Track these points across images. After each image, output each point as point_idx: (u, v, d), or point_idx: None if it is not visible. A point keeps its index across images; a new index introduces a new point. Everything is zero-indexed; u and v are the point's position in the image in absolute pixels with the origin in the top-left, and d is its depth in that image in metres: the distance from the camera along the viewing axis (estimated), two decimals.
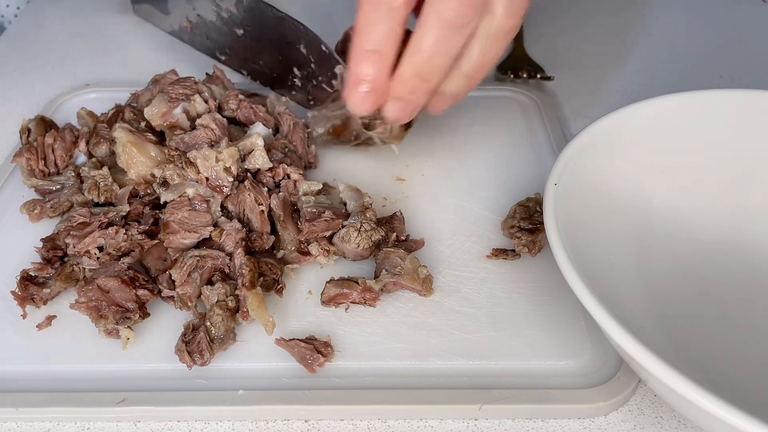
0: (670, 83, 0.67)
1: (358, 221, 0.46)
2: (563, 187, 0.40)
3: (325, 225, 0.46)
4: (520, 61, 0.68)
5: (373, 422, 0.39)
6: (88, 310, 0.41)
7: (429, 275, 0.44)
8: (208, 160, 0.46)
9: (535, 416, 0.39)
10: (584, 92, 0.66)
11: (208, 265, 0.43)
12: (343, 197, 0.49)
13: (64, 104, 0.63)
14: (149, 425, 0.39)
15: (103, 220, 0.46)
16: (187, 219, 0.45)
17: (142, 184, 0.48)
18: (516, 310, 0.43)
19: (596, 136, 0.44)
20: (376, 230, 0.45)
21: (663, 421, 0.39)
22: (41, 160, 0.52)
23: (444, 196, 0.53)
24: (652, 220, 0.45)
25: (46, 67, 0.70)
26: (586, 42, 0.74)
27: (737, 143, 0.46)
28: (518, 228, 0.47)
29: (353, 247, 0.45)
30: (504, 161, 0.56)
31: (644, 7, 0.80)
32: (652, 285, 0.42)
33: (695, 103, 0.46)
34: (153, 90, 0.56)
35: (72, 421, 0.39)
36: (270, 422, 0.39)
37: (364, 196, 0.48)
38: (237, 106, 0.52)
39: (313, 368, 0.40)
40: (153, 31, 0.76)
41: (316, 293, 0.45)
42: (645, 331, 0.39)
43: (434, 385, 0.39)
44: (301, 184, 0.49)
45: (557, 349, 0.41)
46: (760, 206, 0.46)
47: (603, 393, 0.39)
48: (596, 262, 0.39)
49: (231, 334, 0.41)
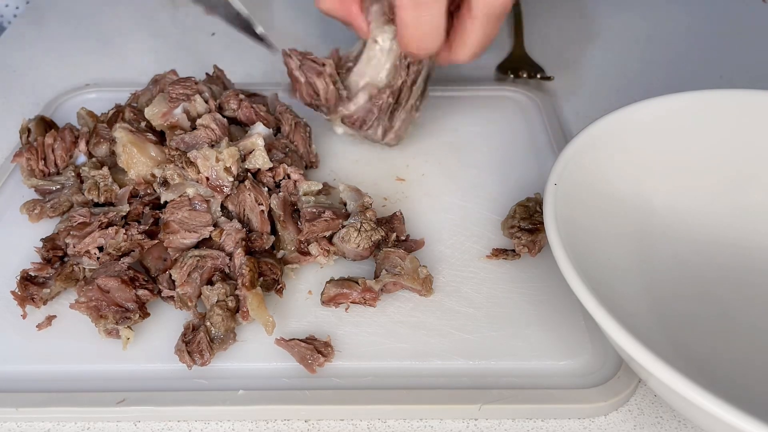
0: (670, 83, 0.67)
1: (358, 221, 0.46)
2: (563, 187, 0.40)
3: (325, 225, 0.46)
4: (520, 61, 0.68)
5: (373, 422, 0.39)
6: (88, 310, 0.41)
7: (429, 275, 0.44)
8: (208, 159, 0.46)
9: (535, 416, 0.39)
10: (584, 92, 0.66)
11: (208, 265, 0.43)
12: (343, 197, 0.49)
13: (64, 104, 0.63)
14: (149, 425, 0.39)
15: (103, 220, 0.46)
16: (187, 219, 0.45)
17: (142, 184, 0.48)
18: (516, 310, 0.43)
19: (596, 136, 0.44)
20: (376, 230, 0.45)
21: (663, 421, 0.39)
22: (41, 160, 0.52)
23: (444, 196, 0.53)
24: (652, 219, 0.45)
25: (46, 67, 0.70)
26: (586, 42, 0.74)
27: (737, 143, 0.46)
28: (518, 228, 0.47)
29: (353, 247, 0.45)
30: (504, 161, 0.56)
31: (644, 7, 0.80)
32: (652, 285, 0.42)
33: (695, 103, 0.46)
34: (153, 90, 0.56)
35: (72, 421, 0.39)
36: (270, 422, 0.39)
37: (364, 196, 0.48)
38: (238, 106, 0.52)
39: (313, 368, 0.40)
40: (153, 30, 0.76)
41: (316, 293, 0.45)
42: (645, 331, 0.39)
43: (434, 385, 0.39)
44: (301, 184, 0.49)
45: (557, 349, 0.41)
46: (760, 206, 0.46)
47: (603, 393, 0.39)
48: (596, 262, 0.39)
49: (231, 334, 0.41)
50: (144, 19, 0.78)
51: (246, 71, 0.67)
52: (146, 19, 0.78)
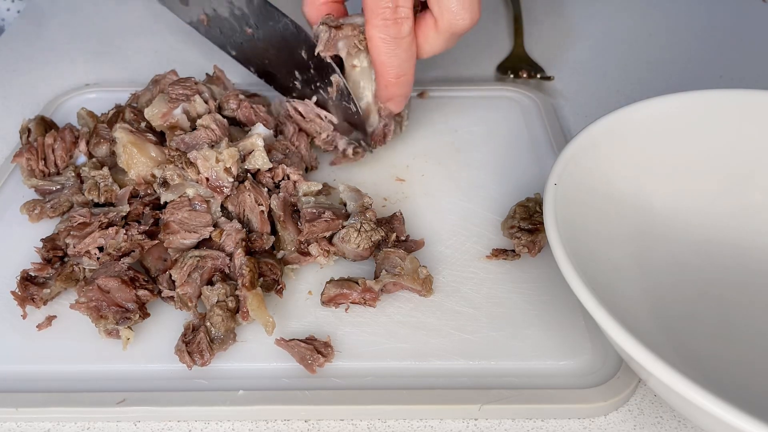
0: (670, 83, 0.67)
1: (358, 221, 0.46)
2: (563, 187, 0.40)
3: (325, 225, 0.46)
4: (520, 61, 0.68)
5: (373, 422, 0.39)
6: (88, 310, 0.41)
7: (429, 275, 0.44)
8: (208, 160, 0.46)
9: (535, 416, 0.39)
10: (584, 92, 0.66)
11: (208, 265, 0.43)
12: (343, 197, 0.49)
13: (64, 104, 0.63)
14: (149, 425, 0.39)
15: (103, 220, 0.46)
16: (187, 219, 0.45)
17: (142, 184, 0.48)
18: (516, 310, 0.43)
19: (596, 136, 0.44)
20: (375, 230, 0.45)
21: (663, 421, 0.39)
22: (41, 160, 0.52)
23: (444, 196, 0.53)
24: (652, 220, 0.45)
25: (46, 67, 0.70)
26: (587, 42, 0.74)
27: (737, 143, 0.46)
28: (518, 228, 0.47)
29: (353, 247, 0.45)
30: (504, 161, 0.56)
31: (644, 7, 0.80)
32: (652, 285, 0.42)
33: (695, 103, 0.46)
34: (153, 90, 0.56)
35: (72, 421, 0.39)
36: (270, 422, 0.39)
37: (364, 197, 0.48)
38: (237, 106, 0.53)
39: (313, 368, 0.40)
40: (153, 30, 0.76)
41: (316, 293, 0.45)
42: (645, 331, 0.39)
43: (434, 385, 0.39)
44: (300, 184, 0.49)
45: (557, 349, 0.41)
46: (760, 206, 0.46)
47: (603, 393, 0.39)
48: (596, 262, 0.39)
49: (231, 334, 0.41)
50: (144, 19, 0.78)
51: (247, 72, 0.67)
52: (146, 19, 0.78)
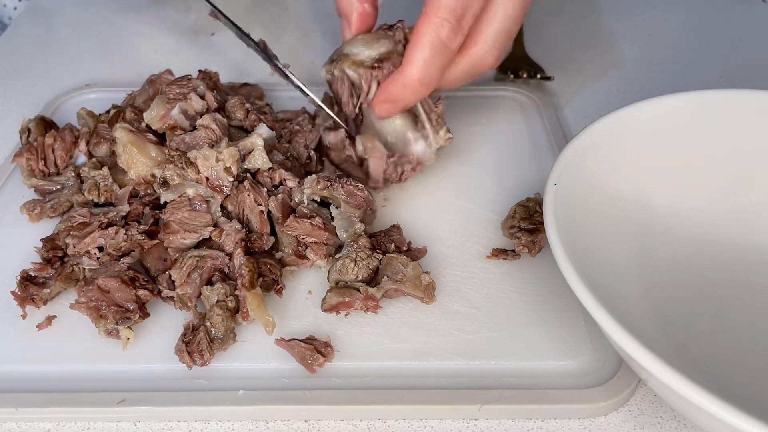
0: (670, 83, 0.67)
1: (352, 251, 0.44)
2: (563, 187, 0.40)
3: (309, 228, 0.45)
4: (520, 61, 0.68)
5: (373, 422, 0.39)
6: (88, 310, 0.41)
7: (432, 282, 0.44)
8: (208, 160, 0.46)
9: (535, 416, 0.39)
10: (584, 92, 0.66)
11: (207, 265, 0.43)
12: (335, 224, 0.47)
13: (64, 104, 0.63)
14: (149, 425, 0.39)
15: (103, 220, 0.46)
16: (187, 219, 0.45)
17: (142, 184, 0.48)
18: (516, 310, 0.43)
19: (596, 136, 0.44)
20: (372, 257, 0.44)
21: (663, 421, 0.39)
22: (41, 160, 0.52)
23: (444, 196, 0.53)
24: (652, 220, 0.45)
25: (46, 67, 0.70)
26: (586, 42, 0.74)
27: (737, 143, 0.46)
28: (518, 228, 0.47)
29: (352, 278, 0.43)
30: (504, 161, 0.56)
31: (644, 8, 0.80)
32: (652, 285, 0.42)
33: (695, 103, 0.46)
34: (149, 90, 0.56)
35: (72, 421, 0.39)
36: (270, 422, 0.39)
37: (354, 223, 0.46)
38: (244, 116, 0.52)
39: (313, 368, 0.40)
40: (153, 30, 0.76)
41: (316, 293, 0.45)
42: (645, 331, 0.39)
43: (434, 385, 0.39)
44: (296, 192, 0.48)
45: (557, 349, 0.41)
46: (760, 206, 0.46)
47: (603, 393, 0.39)
48: (596, 262, 0.39)
49: (231, 334, 0.41)
50: (144, 19, 0.78)
51: (246, 71, 0.67)
52: (146, 19, 0.78)
